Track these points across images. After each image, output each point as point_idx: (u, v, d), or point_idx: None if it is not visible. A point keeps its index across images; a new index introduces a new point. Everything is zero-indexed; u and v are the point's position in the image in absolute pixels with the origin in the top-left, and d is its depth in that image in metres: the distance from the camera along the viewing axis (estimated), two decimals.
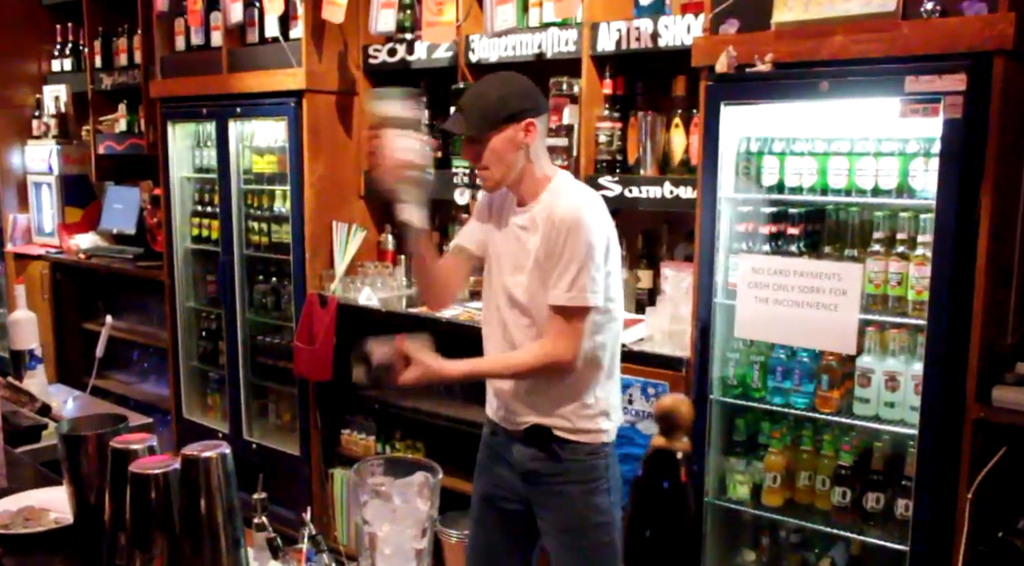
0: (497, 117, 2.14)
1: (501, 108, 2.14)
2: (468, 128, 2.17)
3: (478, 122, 2.16)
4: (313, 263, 3.93)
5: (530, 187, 2.22)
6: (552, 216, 2.13)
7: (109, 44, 5.12)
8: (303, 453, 4.06)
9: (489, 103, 2.16)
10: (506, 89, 2.19)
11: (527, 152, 2.19)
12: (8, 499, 1.84)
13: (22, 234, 5.62)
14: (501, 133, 2.15)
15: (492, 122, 2.14)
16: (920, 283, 2.44)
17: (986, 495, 2.36)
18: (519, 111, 2.15)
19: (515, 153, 2.17)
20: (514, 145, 2.16)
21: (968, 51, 2.24)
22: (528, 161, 2.20)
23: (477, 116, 2.16)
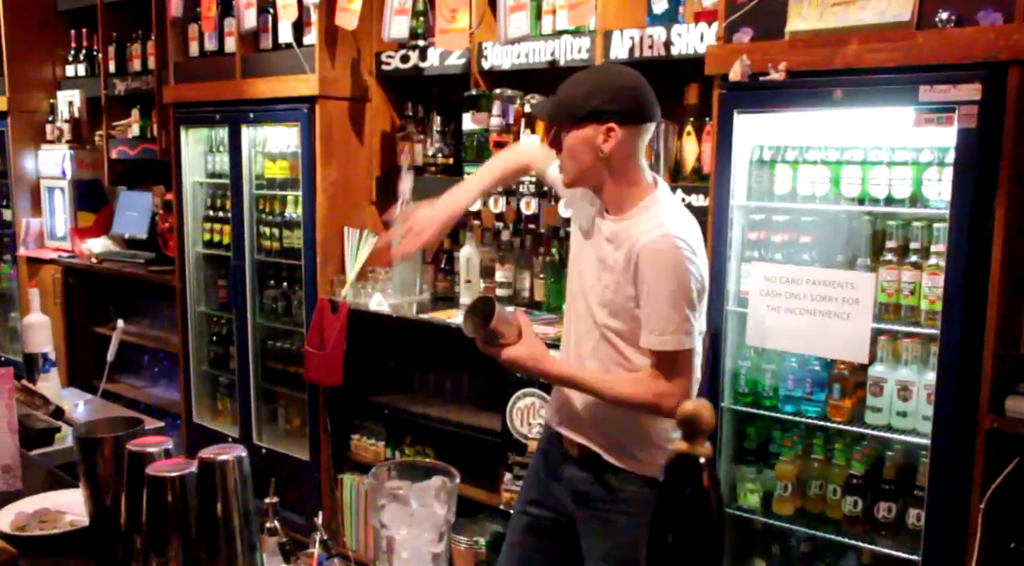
0: (577, 112, 1.98)
1: (584, 103, 1.97)
2: (550, 115, 2.06)
3: (557, 112, 2.03)
4: (324, 268, 3.94)
5: (616, 198, 2.05)
6: (635, 241, 1.97)
7: (123, 50, 5.15)
8: (313, 458, 4.06)
9: (577, 96, 1.99)
10: (600, 84, 2.01)
11: (608, 160, 2.00)
12: (23, 501, 1.86)
13: (35, 238, 5.65)
14: (579, 129, 1.99)
15: (571, 115, 2.00)
16: (933, 293, 2.44)
17: (998, 506, 2.35)
18: (603, 111, 1.97)
19: (590, 155, 2.00)
20: (589, 147, 1.99)
21: (983, 61, 2.24)
22: (610, 170, 2.02)
23: (561, 105, 2.02)
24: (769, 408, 2.78)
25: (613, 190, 2.05)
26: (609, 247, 2.06)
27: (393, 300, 3.78)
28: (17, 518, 1.77)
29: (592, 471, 2.14)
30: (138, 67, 5.05)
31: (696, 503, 0.72)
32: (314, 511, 3.91)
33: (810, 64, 2.51)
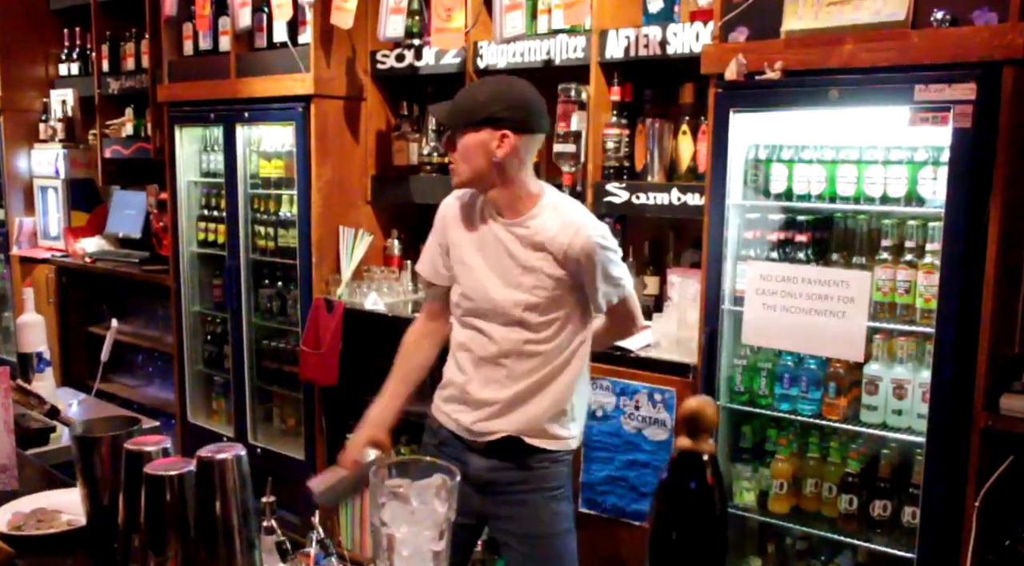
0: (474, 116, 2.07)
1: (482, 109, 2.07)
2: (446, 117, 2.15)
3: (455, 114, 2.12)
4: (319, 268, 3.94)
5: (513, 202, 2.14)
6: (568, 246, 2.09)
7: (117, 48, 5.14)
8: (308, 457, 4.06)
9: (475, 100, 2.10)
10: (498, 92, 2.10)
11: (501, 165, 2.08)
12: (20, 501, 1.85)
13: (28, 238, 5.63)
14: (474, 133, 2.07)
15: (468, 119, 2.08)
16: (928, 291, 2.45)
17: (993, 503, 2.36)
18: (499, 118, 2.06)
19: (482, 159, 2.08)
20: (483, 151, 2.07)
21: (978, 60, 2.25)
22: (501, 175, 2.10)
23: (458, 108, 2.12)
24: (765, 406, 2.79)
25: (505, 194, 2.14)
26: (520, 249, 2.14)
27: (388, 299, 3.78)
28: (14, 518, 1.76)
29: (501, 458, 2.20)
30: (132, 66, 5.04)
31: (700, 499, 0.72)
32: (310, 511, 3.91)
33: (806, 63, 2.52)
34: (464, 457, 2.23)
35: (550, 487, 2.22)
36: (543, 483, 2.21)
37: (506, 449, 2.20)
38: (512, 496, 2.22)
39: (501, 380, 2.19)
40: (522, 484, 2.21)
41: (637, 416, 2.91)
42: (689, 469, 0.72)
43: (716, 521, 0.73)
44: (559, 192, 2.25)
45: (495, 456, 2.21)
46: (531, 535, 2.23)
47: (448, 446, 2.28)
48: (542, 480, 2.21)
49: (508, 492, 2.22)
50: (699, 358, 2.81)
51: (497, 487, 2.22)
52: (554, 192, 2.22)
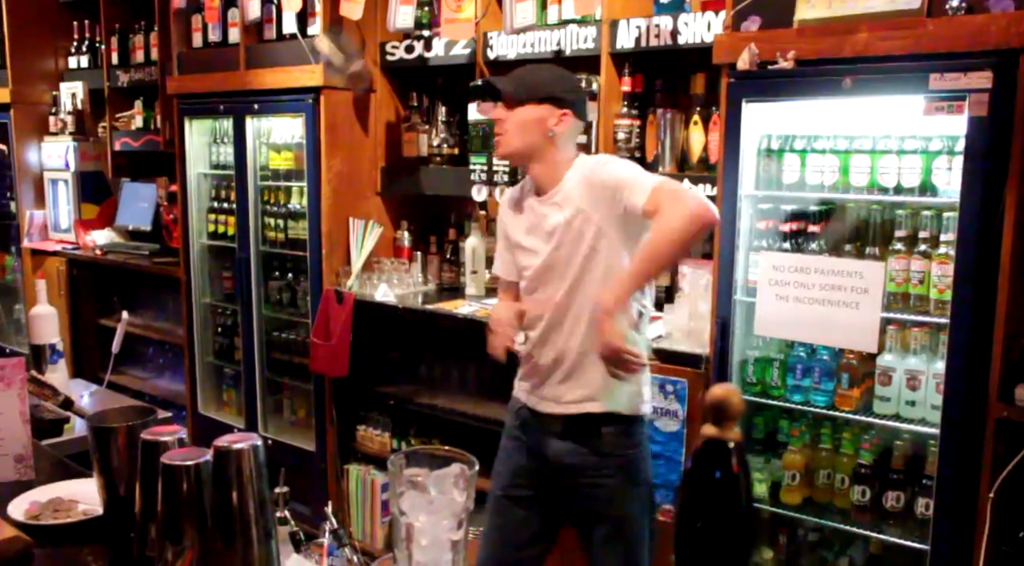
0: (540, 91, 2.23)
1: (547, 86, 2.24)
2: (511, 87, 2.24)
3: (519, 86, 2.24)
4: (330, 259, 3.94)
5: (549, 174, 2.28)
6: (587, 170, 2.23)
7: (126, 41, 5.14)
8: (318, 449, 4.07)
9: (538, 78, 2.26)
10: (561, 75, 2.31)
11: (552, 141, 2.25)
12: (36, 491, 1.86)
13: (39, 230, 5.64)
14: (535, 107, 2.23)
15: (532, 93, 2.23)
16: (942, 282, 2.43)
17: (1008, 495, 2.35)
18: (561, 99, 2.24)
19: (538, 133, 2.24)
20: (540, 125, 2.23)
21: (994, 48, 2.23)
22: (547, 150, 2.26)
23: (522, 82, 2.25)
24: (777, 398, 2.78)
25: (545, 169, 2.28)
26: (556, 210, 2.26)
27: (399, 290, 3.78)
28: (31, 507, 1.77)
29: (576, 440, 2.29)
30: (141, 58, 5.04)
31: (725, 488, 0.71)
32: (320, 501, 3.92)
33: (819, 52, 2.50)
34: (542, 441, 2.34)
35: (626, 471, 2.29)
36: (619, 468, 2.29)
37: (575, 433, 2.28)
38: (587, 479, 2.29)
39: (566, 342, 2.27)
40: (594, 469, 2.28)
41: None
42: (715, 458, 0.71)
43: (742, 509, 0.73)
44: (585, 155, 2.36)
45: (568, 440, 2.30)
46: (607, 518, 2.30)
47: (527, 429, 2.39)
48: (613, 466, 2.28)
49: (583, 475, 2.29)
50: (711, 349, 2.81)
51: (573, 470, 2.30)
52: (582, 156, 2.34)
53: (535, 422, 2.36)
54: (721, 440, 0.71)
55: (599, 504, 2.31)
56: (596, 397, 2.26)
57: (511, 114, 2.25)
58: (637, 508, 2.32)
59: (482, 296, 3.63)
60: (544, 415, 2.34)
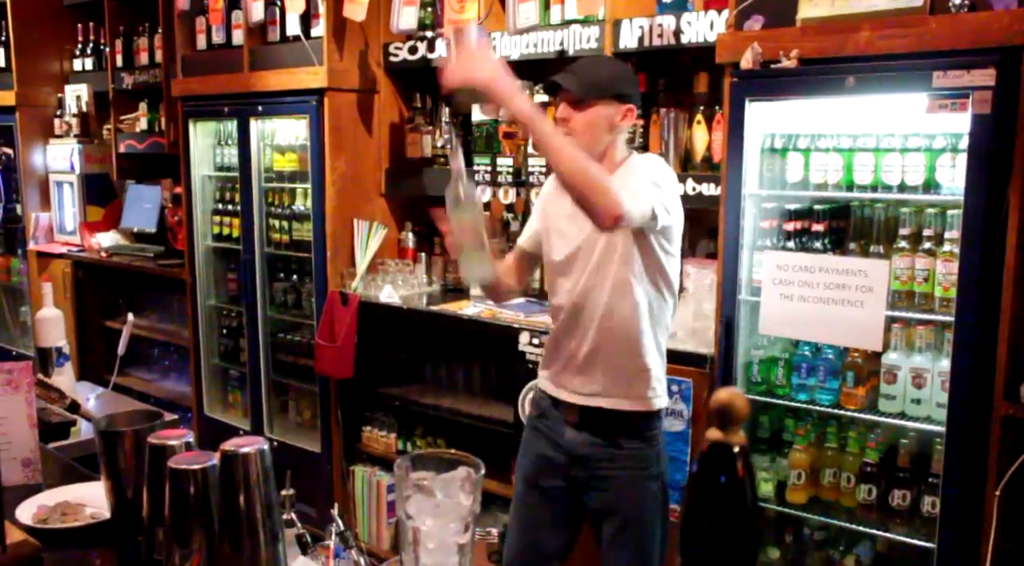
0: (607, 90, 2.21)
1: (612, 84, 2.22)
2: (578, 87, 2.21)
3: (587, 85, 2.21)
4: (334, 261, 3.95)
5: (607, 166, 2.23)
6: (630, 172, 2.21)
7: (130, 43, 5.15)
8: (324, 450, 4.08)
9: (601, 75, 2.24)
10: (619, 71, 2.30)
11: (615, 137, 2.25)
12: (44, 494, 1.87)
13: (44, 233, 5.66)
14: (603, 105, 2.21)
15: (600, 91, 2.20)
16: (947, 279, 2.43)
17: (1014, 492, 2.35)
18: (626, 94, 2.23)
19: (605, 131, 2.23)
20: (608, 122, 2.22)
21: (997, 46, 2.22)
22: (611, 145, 2.26)
23: (589, 80, 2.21)
24: (782, 396, 2.78)
25: (607, 162, 2.25)
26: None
27: (403, 292, 3.79)
28: (39, 511, 1.78)
29: (591, 432, 2.31)
30: (145, 61, 5.05)
31: (731, 491, 0.72)
32: (326, 503, 3.93)
33: (822, 51, 2.50)
34: (558, 430, 2.36)
35: (640, 466, 2.30)
36: (629, 461, 2.30)
37: (591, 424, 2.30)
38: (600, 471, 2.31)
39: (583, 333, 2.28)
40: (607, 460, 2.30)
41: None
42: (719, 461, 0.72)
43: (747, 513, 0.73)
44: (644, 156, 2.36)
45: (583, 431, 2.32)
46: (618, 509, 2.32)
47: (547, 418, 2.40)
48: (627, 459, 2.30)
49: (596, 467, 2.31)
50: (716, 348, 2.81)
51: (587, 461, 2.32)
52: (639, 155, 2.34)
53: (554, 411, 2.38)
54: (726, 444, 0.71)
55: (610, 497, 2.32)
56: (604, 393, 2.28)
57: (578, 114, 2.21)
58: (650, 503, 2.33)
59: (486, 297, 3.63)
60: (562, 403, 2.36)
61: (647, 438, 2.31)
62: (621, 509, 2.31)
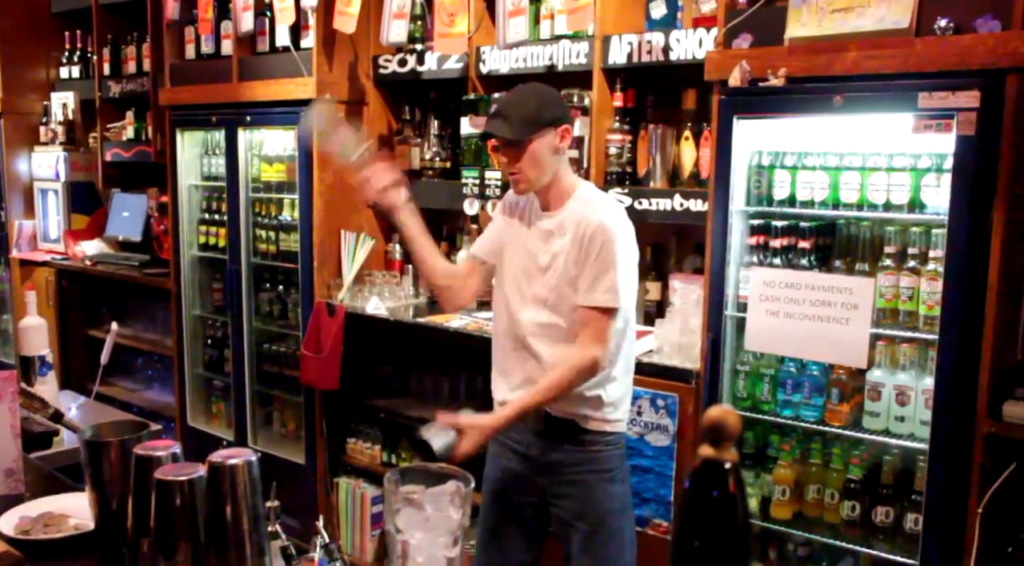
0: (539, 121, 2.24)
1: (542, 113, 2.26)
2: (512, 131, 2.24)
3: (520, 126, 2.24)
4: (321, 272, 3.94)
5: (557, 193, 2.32)
6: (587, 224, 2.23)
7: (118, 52, 5.14)
8: (308, 462, 4.06)
9: (530, 109, 2.26)
10: (543, 97, 2.32)
11: (559, 158, 2.30)
12: (27, 505, 1.85)
13: (28, 240, 5.63)
14: (542, 137, 2.25)
15: (534, 126, 2.24)
16: (931, 298, 2.46)
17: (996, 510, 2.37)
18: (557, 117, 2.27)
19: (552, 157, 2.28)
20: (551, 149, 2.27)
21: (981, 68, 2.26)
22: (560, 169, 2.31)
23: (519, 120, 2.24)
24: (767, 412, 2.79)
25: (556, 185, 2.32)
26: (551, 238, 2.30)
27: (390, 303, 3.79)
28: (21, 522, 1.76)
29: (557, 439, 2.34)
30: (133, 69, 5.04)
31: (722, 508, 0.72)
32: (310, 515, 3.91)
33: (809, 70, 2.53)
34: (524, 440, 2.39)
35: (603, 469, 2.34)
36: (596, 465, 2.34)
37: (556, 431, 2.33)
38: (568, 477, 2.35)
39: (531, 362, 2.34)
40: (577, 465, 2.34)
41: (639, 422, 2.91)
42: (711, 478, 0.72)
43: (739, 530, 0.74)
44: (593, 187, 2.42)
45: (548, 438, 2.35)
46: (585, 514, 2.35)
47: (510, 431, 2.40)
48: (596, 462, 2.34)
49: (564, 473, 2.35)
50: (702, 364, 2.82)
51: (555, 467, 2.36)
52: (591, 186, 2.41)
53: (519, 423, 2.39)
54: (718, 461, 0.72)
55: (578, 502, 2.35)
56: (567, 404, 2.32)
57: (521, 155, 2.26)
58: (616, 505, 2.37)
59: (473, 309, 3.63)
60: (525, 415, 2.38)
61: (610, 442, 2.36)
62: (589, 514, 2.35)
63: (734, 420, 0.72)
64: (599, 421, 2.33)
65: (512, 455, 2.43)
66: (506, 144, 2.27)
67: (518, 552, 2.49)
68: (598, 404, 2.32)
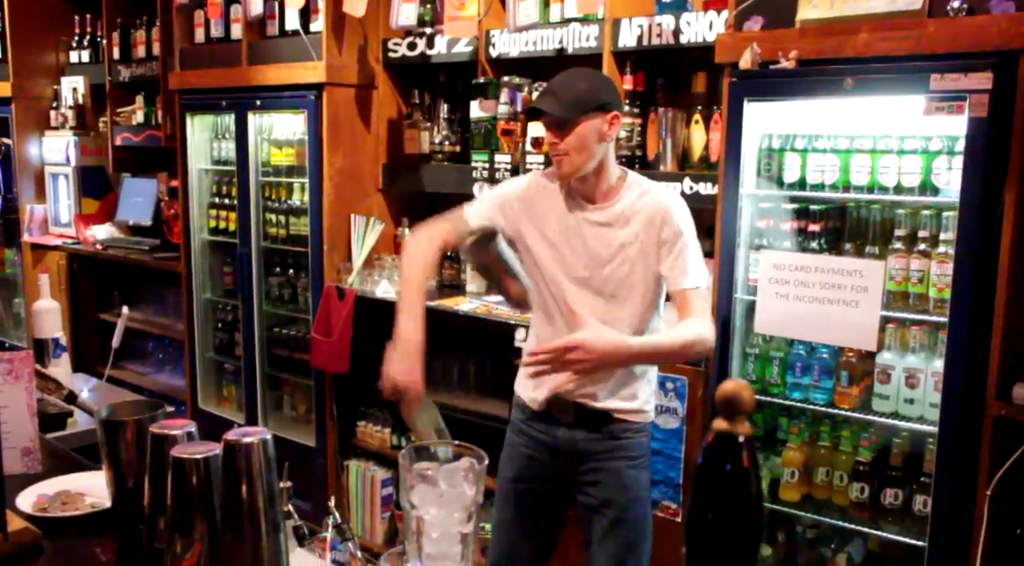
0: (590, 103, 2.19)
1: (594, 96, 2.21)
2: (561, 109, 2.19)
3: (571, 105, 2.19)
4: (331, 256, 3.95)
5: (607, 183, 2.28)
6: (659, 210, 2.23)
7: (127, 36, 5.14)
8: (319, 445, 4.08)
9: (582, 90, 2.22)
10: (597, 80, 2.30)
11: (606, 146, 2.24)
12: (44, 483, 1.88)
13: (39, 225, 5.65)
14: (590, 120, 2.19)
15: (584, 107, 2.19)
16: (942, 281, 2.45)
17: (1005, 492, 2.38)
18: (608, 102, 2.22)
19: (598, 143, 2.22)
20: (599, 134, 2.21)
21: (994, 50, 2.24)
22: (605, 155, 2.25)
23: (570, 99, 2.19)
24: (776, 395, 2.80)
25: (604, 177, 2.27)
26: (609, 230, 2.26)
27: (399, 287, 3.79)
28: (39, 500, 1.79)
29: (588, 428, 2.34)
30: (142, 53, 5.04)
31: (736, 481, 0.73)
32: (320, 497, 3.94)
33: (821, 52, 2.52)
34: (552, 431, 2.38)
35: (634, 456, 2.35)
36: (627, 452, 2.34)
37: (587, 421, 2.33)
38: (597, 464, 2.35)
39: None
40: (604, 452, 2.34)
41: None
42: (725, 451, 0.73)
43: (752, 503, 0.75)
44: (640, 175, 2.38)
45: (579, 428, 2.34)
46: (613, 501, 2.35)
47: (534, 420, 2.41)
48: (627, 449, 2.34)
49: (594, 460, 2.35)
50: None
51: (583, 456, 2.36)
52: (636, 175, 2.36)
53: (545, 412, 2.38)
54: (732, 434, 0.72)
55: (606, 489, 2.35)
56: (601, 394, 2.31)
57: (567, 135, 2.20)
58: (644, 493, 2.39)
59: (483, 293, 3.65)
60: (556, 404, 2.36)
61: (639, 428, 2.36)
62: (617, 500, 2.34)
63: (748, 394, 0.72)
64: (633, 412, 2.34)
65: (533, 444, 2.42)
66: (554, 123, 2.22)
67: (535, 538, 2.49)
68: (634, 397, 2.33)
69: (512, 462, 2.48)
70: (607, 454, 2.33)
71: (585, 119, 2.18)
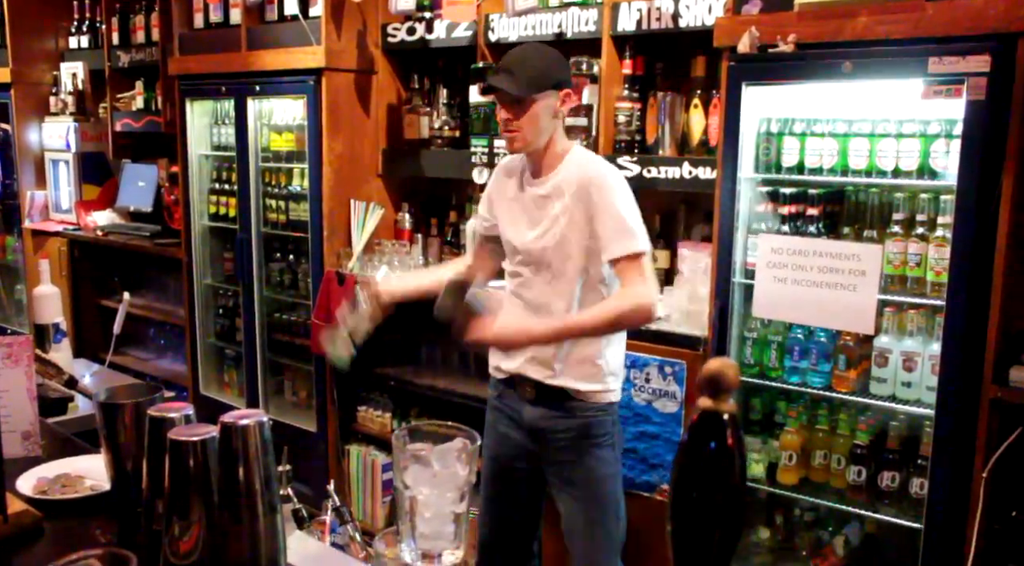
0: (544, 82, 2.25)
1: (548, 75, 2.27)
2: (517, 88, 2.24)
3: (525, 83, 2.24)
4: (331, 241, 3.96)
5: (551, 157, 2.35)
6: (588, 180, 2.26)
7: (126, 21, 5.13)
8: (319, 429, 4.10)
9: (537, 69, 2.27)
10: (550, 58, 2.33)
11: (558, 122, 2.32)
12: (44, 467, 1.89)
13: (39, 211, 5.66)
14: (545, 98, 2.26)
15: (539, 85, 2.25)
16: (939, 264, 2.46)
17: (1001, 475, 2.38)
18: (561, 80, 2.29)
19: (550, 120, 2.29)
20: (551, 112, 2.28)
21: (993, 32, 2.24)
22: (555, 130, 2.32)
23: (525, 77, 2.24)
24: (774, 379, 2.81)
25: (550, 150, 2.34)
26: (545, 201, 2.33)
27: (399, 272, 3.80)
28: (39, 483, 1.80)
29: (549, 407, 2.40)
30: (142, 39, 5.03)
31: (720, 459, 0.74)
32: (321, 482, 3.95)
33: (819, 36, 2.51)
34: (518, 407, 2.45)
35: (594, 435, 2.39)
36: (587, 431, 2.38)
37: (549, 398, 2.39)
38: (559, 443, 2.40)
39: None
40: (568, 431, 2.39)
41: (647, 389, 2.94)
42: (709, 430, 0.74)
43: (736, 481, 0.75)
44: (585, 150, 2.44)
45: (541, 405, 2.40)
46: (575, 479, 2.41)
47: (504, 398, 2.50)
48: (586, 428, 2.38)
49: (556, 439, 2.40)
50: (710, 331, 2.83)
51: (547, 434, 2.41)
52: (582, 148, 2.42)
53: (512, 390, 2.47)
54: (716, 412, 0.73)
55: (570, 467, 2.41)
56: (559, 374, 2.36)
57: (522, 113, 2.26)
58: (610, 471, 2.42)
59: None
60: (519, 383, 2.43)
61: (602, 408, 2.40)
62: (580, 478, 2.40)
63: (732, 372, 0.73)
64: (595, 392, 2.37)
65: (508, 421, 2.49)
66: (509, 101, 2.27)
67: (519, 513, 2.57)
68: (598, 374, 2.36)
69: (489, 440, 2.56)
70: (568, 433, 2.38)
71: (540, 98, 2.25)
